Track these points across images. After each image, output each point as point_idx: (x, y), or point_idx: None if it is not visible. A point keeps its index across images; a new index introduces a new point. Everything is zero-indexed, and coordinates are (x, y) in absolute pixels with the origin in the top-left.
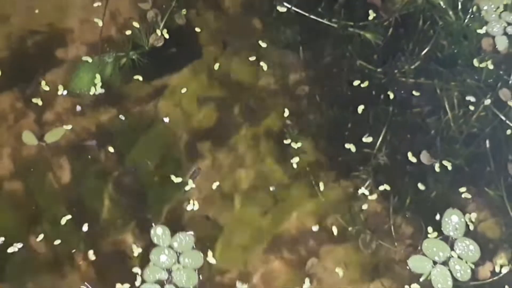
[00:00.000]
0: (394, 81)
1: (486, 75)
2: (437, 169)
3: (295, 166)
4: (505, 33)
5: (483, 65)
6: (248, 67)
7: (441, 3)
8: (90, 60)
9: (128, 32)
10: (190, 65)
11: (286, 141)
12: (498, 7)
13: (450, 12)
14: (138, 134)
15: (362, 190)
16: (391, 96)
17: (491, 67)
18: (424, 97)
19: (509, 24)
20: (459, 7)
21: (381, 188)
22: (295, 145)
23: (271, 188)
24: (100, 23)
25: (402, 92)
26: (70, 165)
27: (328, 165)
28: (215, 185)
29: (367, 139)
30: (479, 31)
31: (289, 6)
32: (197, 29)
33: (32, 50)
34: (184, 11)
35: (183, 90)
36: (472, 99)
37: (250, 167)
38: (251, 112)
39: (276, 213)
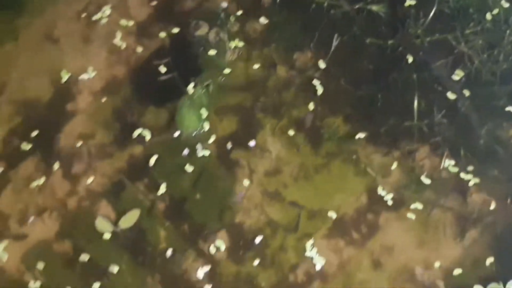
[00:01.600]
0: (410, 46)
1: (504, 14)
2: None
3: (331, 147)
4: None
5: (495, 9)
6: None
7: None
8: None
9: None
10: None
11: (319, 127)
12: None
13: None
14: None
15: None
16: (411, 59)
17: (506, 5)
18: (444, 52)
19: None
20: None
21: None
22: (329, 128)
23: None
24: None
25: (421, 53)
26: None
27: (369, 139)
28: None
29: (402, 108)
30: None
31: None
32: None
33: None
34: None
35: None
36: (493, 40)
37: (287, 160)
38: (272, 106)
39: (324, 197)
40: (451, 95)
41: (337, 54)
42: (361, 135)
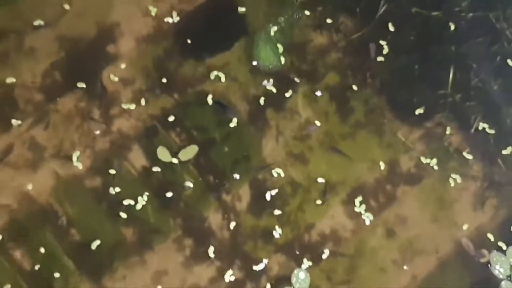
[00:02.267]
0: (453, 17)
1: None
2: None
3: (360, 117)
4: None
5: None
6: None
7: None
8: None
9: None
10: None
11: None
12: None
13: None
14: None
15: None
16: (452, 28)
17: None
18: (484, 29)
19: None
20: None
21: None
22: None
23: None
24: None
25: (463, 26)
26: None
27: (401, 109)
28: (284, 150)
29: (437, 79)
30: None
31: None
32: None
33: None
34: None
35: None
36: None
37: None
38: (308, 72)
39: (346, 164)
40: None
41: (381, 21)
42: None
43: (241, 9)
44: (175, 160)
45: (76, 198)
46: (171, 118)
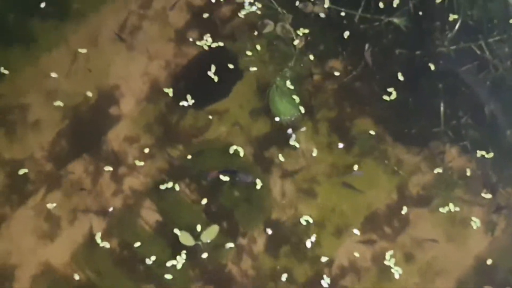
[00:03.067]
0: (436, 55)
1: None
2: None
3: (363, 147)
4: None
5: None
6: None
7: None
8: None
9: None
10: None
11: (349, 126)
12: None
13: None
14: None
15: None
16: (435, 67)
17: None
18: (469, 58)
19: None
20: None
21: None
22: (358, 129)
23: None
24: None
25: (447, 61)
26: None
27: (399, 140)
28: (293, 187)
29: (430, 112)
30: None
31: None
32: None
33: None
34: None
35: None
36: None
37: (319, 159)
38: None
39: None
40: (478, 97)
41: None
42: (391, 136)
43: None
44: (198, 242)
45: (95, 262)
46: (179, 170)
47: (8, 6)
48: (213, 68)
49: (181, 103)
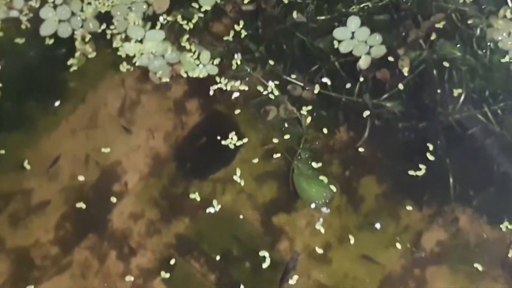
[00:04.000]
0: (440, 127)
1: None
2: None
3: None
4: None
5: None
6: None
7: (455, 51)
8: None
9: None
10: None
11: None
12: (509, 33)
13: (468, 56)
14: None
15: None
16: (442, 141)
17: None
18: (474, 124)
19: None
20: (475, 47)
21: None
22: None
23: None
24: None
25: (451, 132)
26: None
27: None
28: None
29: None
30: (503, 60)
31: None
32: None
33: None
34: None
35: None
36: None
37: (329, 222)
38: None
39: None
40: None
41: (371, 135)
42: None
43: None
44: None
45: None
46: (187, 244)
47: (5, 94)
48: (214, 136)
49: (184, 175)
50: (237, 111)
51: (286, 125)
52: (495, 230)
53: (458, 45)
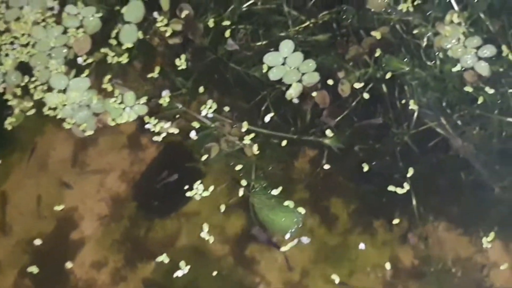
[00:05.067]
0: (396, 147)
1: (489, 100)
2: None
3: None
4: (480, 58)
5: (480, 99)
6: None
7: (403, 65)
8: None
9: None
10: None
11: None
12: (459, 39)
13: (417, 69)
14: None
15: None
16: (401, 159)
17: (491, 91)
18: (433, 137)
19: (477, 47)
20: (423, 58)
21: None
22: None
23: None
24: None
25: (410, 147)
26: None
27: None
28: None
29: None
30: (454, 69)
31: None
32: None
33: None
34: None
35: None
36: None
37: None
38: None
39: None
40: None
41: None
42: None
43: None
44: None
45: None
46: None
47: None
48: (173, 171)
49: (145, 213)
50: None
51: (232, 159)
52: (470, 242)
53: (405, 59)
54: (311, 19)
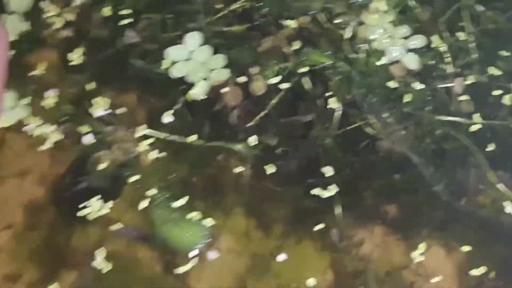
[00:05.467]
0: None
1: (418, 96)
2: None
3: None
4: (409, 50)
5: (408, 96)
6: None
7: (325, 59)
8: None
9: None
10: None
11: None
12: (385, 29)
13: (340, 63)
14: None
15: None
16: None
17: (421, 86)
18: (360, 137)
19: (405, 38)
20: (346, 51)
21: None
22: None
23: None
24: None
25: (335, 149)
26: None
27: None
28: None
29: None
30: (379, 63)
31: None
32: None
33: None
34: None
35: None
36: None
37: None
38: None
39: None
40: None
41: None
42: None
43: None
44: None
45: None
46: None
47: None
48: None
49: (65, 220)
50: None
51: (126, 169)
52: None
53: (327, 52)
54: (229, 6)
